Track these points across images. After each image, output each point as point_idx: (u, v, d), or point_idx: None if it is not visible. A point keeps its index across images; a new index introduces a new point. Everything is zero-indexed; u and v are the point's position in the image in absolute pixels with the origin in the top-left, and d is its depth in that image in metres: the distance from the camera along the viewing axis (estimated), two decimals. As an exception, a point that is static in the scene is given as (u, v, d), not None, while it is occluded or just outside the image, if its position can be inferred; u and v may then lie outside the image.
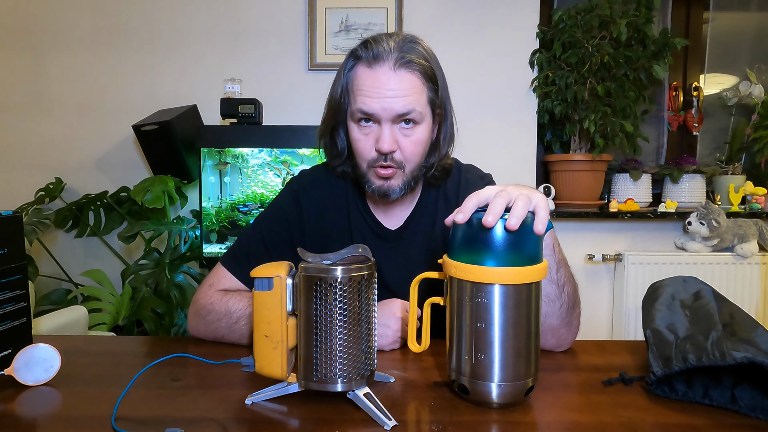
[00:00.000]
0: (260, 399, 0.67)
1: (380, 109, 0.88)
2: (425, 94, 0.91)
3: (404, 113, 0.88)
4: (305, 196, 1.02)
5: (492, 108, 2.26)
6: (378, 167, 0.92)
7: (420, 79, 0.90)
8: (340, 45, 2.21)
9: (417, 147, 0.92)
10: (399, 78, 0.88)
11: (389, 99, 0.87)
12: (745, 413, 0.64)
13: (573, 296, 0.85)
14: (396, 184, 0.93)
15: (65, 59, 2.26)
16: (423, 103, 0.90)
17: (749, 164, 2.43)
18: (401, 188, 0.94)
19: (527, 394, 0.66)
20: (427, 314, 0.75)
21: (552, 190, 2.26)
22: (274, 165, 2.07)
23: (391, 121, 0.89)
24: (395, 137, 0.90)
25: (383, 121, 0.89)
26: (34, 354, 0.74)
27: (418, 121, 0.90)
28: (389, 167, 0.91)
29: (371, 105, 0.88)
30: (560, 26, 2.16)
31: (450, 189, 1.03)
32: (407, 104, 0.88)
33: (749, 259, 2.13)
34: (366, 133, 0.92)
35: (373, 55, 0.88)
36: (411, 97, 0.88)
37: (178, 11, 2.24)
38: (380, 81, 0.88)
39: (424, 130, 0.92)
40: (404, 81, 0.88)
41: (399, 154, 0.91)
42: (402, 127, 0.90)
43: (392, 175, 0.92)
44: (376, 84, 0.88)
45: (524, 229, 0.64)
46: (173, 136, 1.95)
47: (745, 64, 2.45)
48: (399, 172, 0.93)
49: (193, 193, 2.22)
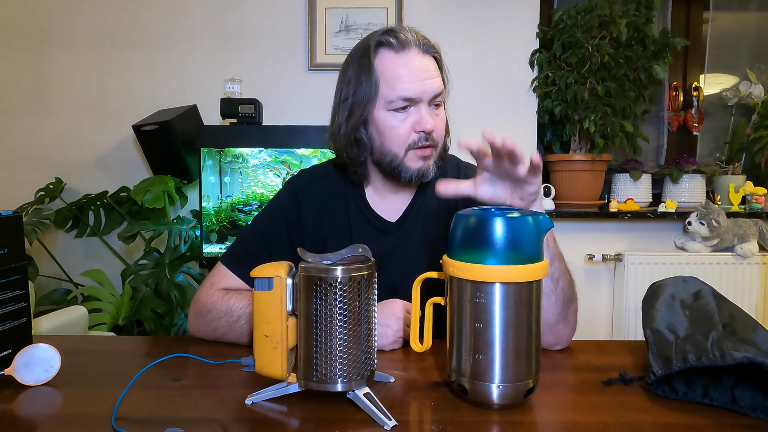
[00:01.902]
0: (260, 399, 0.67)
1: (422, 91, 0.93)
2: (441, 76, 0.97)
3: (438, 93, 0.95)
4: (304, 195, 1.03)
5: (492, 108, 2.26)
6: (419, 148, 0.95)
7: (437, 64, 0.97)
8: (340, 45, 2.21)
9: (443, 125, 0.99)
10: (428, 61, 0.95)
11: (427, 81, 0.93)
12: (745, 413, 0.64)
13: (568, 291, 0.86)
14: (432, 164, 0.98)
15: (65, 59, 2.26)
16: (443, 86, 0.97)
17: (749, 164, 2.43)
18: (434, 168, 0.98)
19: (528, 395, 0.66)
20: (428, 314, 0.75)
21: (552, 190, 2.26)
22: (273, 165, 2.07)
23: (428, 103, 0.94)
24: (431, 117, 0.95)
25: (421, 103, 0.94)
26: (34, 354, 0.74)
27: (442, 103, 0.98)
28: (429, 146, 0.95)
29: (414, 89, 0.92)
30: (560, 26, 2.16)
31: None
32: (441, 85, 0.96)
33: (749, 259, 2.13)
34: (403, 119, 0.94)
35: (400, 42, 0.93)
36: (438, 79, 0.95)
37: (178, 11, 2.24)
38: (415, 65, 0.93)
39: (444, 110, 0.99)
40: (431, 64, 0.95)
41: (434, 133, 0.96)
42: (433, 108, 0.96)
43: (431, 154, 0.97)
44: (412, 69, 0.92)
45: (524, 227, 0.64)
46: (173, 136, 1.95)
47: (745, 64, 2.45)
48: (433, 152, 0.97)
49: (193, 193, 2.22)
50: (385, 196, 1.04)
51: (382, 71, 0.93)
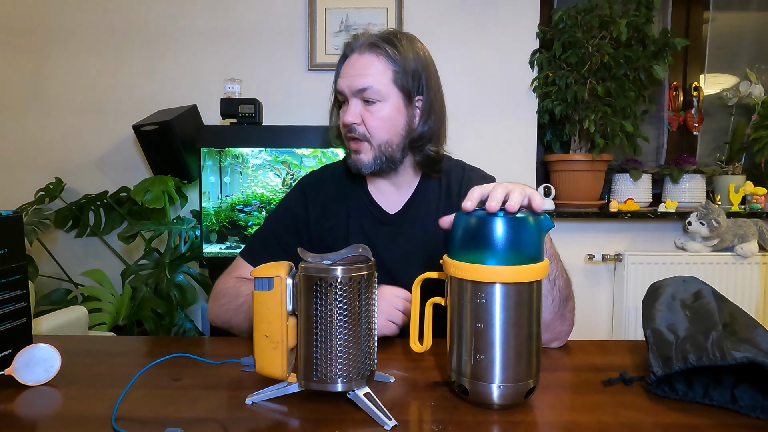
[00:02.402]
0: (260, 399, 0.67)
1: (345, 86, 1.00)
2: (388, 75, 0.99)
3: (361, 88, 0.98)
4: (312, 192, 1.10)
5: (492, 108, 2.26)
6: (348, 141, 1.02)
7: (383, 62, 0.99)
8: (340, 45, 2.21)
9: (380, 122, 1.00)
10: (362, 59, 0.99)
11: (351, 77, 0.99)
12: (745, 413, 0.64)
13: (565, 290, 0.88)
14: (365, 159, 1.01)
15: (66, 59, 2.26)
16: (384, 83, 0.99)
17: (749, 164, 2.43)
18: (372, 163, 1.01)
19: (528, 395, 0.65)
20: (428, 314, 0.75)
21: (552, 190, 2.26)
22: (273, 165, 2.07)
23: (354, 97, 1.00)
24: (358, 112, 1.00)
25: (349, 97, 1.00)
26: (34, 354, 0.74)
27: (379, 99, 0.99)
28: (356, 139, 1.01)
29: (340, 84, 1.02)
30: (560, 26, 2.16)
31: (453, 185, 1.08)
32: (364, 81, 0.98)
33: (749, 259, 2.13)
34: (343, 111, 1.03)
35: (351, 48, 1.02)
36: (370, 77, 0.98)
37: (178, 11, 2.24)
38: (349, 64, 1.01)
39: (389, 108, 1.00)
40: (365, 61, 0.99)
41: (363, 128, 1.00)
42: (366, 104, 1.00)
43: (360, 148, 1.01)
44: (346, 67, 1.01)
45: (524, 227, 0.64)
46: (173, 136, 1.95)
47: (745, 64, 2.45)
48: (366, 146, 1.01)
49: (193, 193, 2.22)
50: (382, 189, 1.09)
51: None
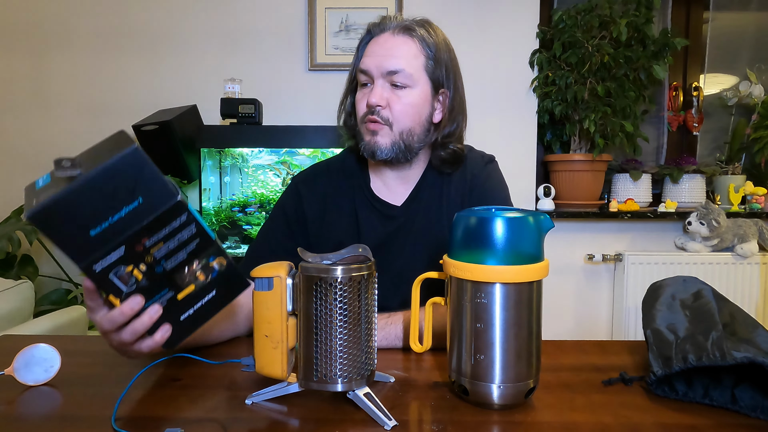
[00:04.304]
0: (260, 399, 0.67)
1: (373, 66, 0.96)
2: (421, 60, 0.96)
3: (393, 71, 0.94)
4: (305, 188, 1.07)
5: (492, 108, 2.26)
6: (367, 121, 0.97)
7: (417, 46, 0.96)
8: (340, 45, 2.21)
9: (406, 108, 0.96)
10: (395, 40, 0.96)
11: (381, 57, 0.95)
12: (745, 413, 0.64)
13: None
14: (383, 142, 0.97)
15: (66, 59, 2.26)
16: (416, 68, 0.96)
17: (749, 164, 2.43)
18: (389, 149, 0.97)
19: (528, 395, 0.66)
20: (428, 314, 0.75)
21: (552, 190, 2.26)
22: (273, 165, 2.07)
23: (382, 78, 0.96)
24: (385, 94, 0.96)
25: (375, 78, 0.96)
26: (34, 354, 0.74)
27: (408, 84, 0.96)
28: (375, 121, 0.96)
29: (367, 62, 0.97)
30: (560, 26, 2.16)
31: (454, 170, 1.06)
32: (397, 63, 0.94)
33: (749, 259, 2.13)
34: (364, 93, 0.99)
35: (379, 28, 0.98)
36: (403, 59, 0.95)
37: (178, 11, 2.24)
38: (378, 43, 0.97)
39: (417, 95, 0.97)
40: (399, 43, 0.96)
41: (387, 111, 0.96)
42: (394, 88, 0.96)
43: (379, 130, 0.97)
44: (374, 46, 0.97)
45: (524, 227, 0.64)
46: (173, 136, 1.95)
47: (745, 64, 2.45)
48: (386, 130, 0.97)
49: (193, 193, 2.22)
50: (386, 181, 1.06)
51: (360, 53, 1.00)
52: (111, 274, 0.62)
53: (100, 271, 0.61)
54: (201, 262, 0.66)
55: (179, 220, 0.62)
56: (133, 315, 0.65)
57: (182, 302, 0.67)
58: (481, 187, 1.05)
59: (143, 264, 0.63)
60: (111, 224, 0.59)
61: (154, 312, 0.65)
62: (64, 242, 0.59)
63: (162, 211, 0.60)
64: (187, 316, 0.68)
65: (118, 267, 0.62)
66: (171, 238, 0.63)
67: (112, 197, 0.58)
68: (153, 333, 0.67)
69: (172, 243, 0.63)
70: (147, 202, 0.60)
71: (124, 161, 0.57)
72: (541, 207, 2.21)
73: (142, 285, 0.64)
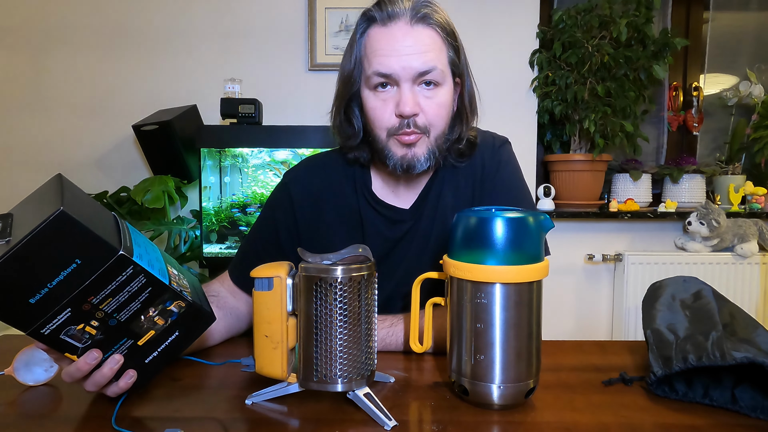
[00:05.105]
0: (260, 399, 0.67)
1: (399, 68, 0.82)
2: (445, 52, 0.85)
3: (425, 71, 0.82)
4: (297, 187, 0.99)
5: (492, 108, 2.25)
6: (401, 134, 0.85)
7: (439, 36, 0.84)
8: (340, 45, 2.21)
9: (441, 110, 0.86)
10: (417, 33, 0.82)
11: (407, 56, 0.81)
12: (745, 413, 0.64)
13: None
14: (421, 153, 0.86)
15: (66, 59, 2.26)
16: (444, 62, 0.85)
17: (749, 164, 2.43)
18: (426, 158, 0.87)
19: (528, 395, 0.66)
20: (428, 314, 0.75)
21: (552, 190, 2.26)
22: (273, 165, 2.07)
23: (411, 81, 0.83)
24: (416, 99, 0.83)
25: (403, 82, 0.83)
26: (34, 354, 0.74)
27: (440, 82, 0.85)
28: (412, 132, 0.84)
29: (389, 64, 0.82)
30: (560, 26, 2.16)
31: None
32: (428, 61, 0.82)
33: (749, 259, 2.13)
34: (384, 99, 0.85)
35: (387, 14, 0.83)
36: (431, 54, 0.82)
37: (178, 11, 2.24)
38: (396, 38, 0.82)
39: (447, 92, 0.86)
40: (423, 36, 0.82)
41: (422, 117, 0.84)
42: (424, 88, 0.84)
43: (416, 141, 0.85)
44: (392, 42, 0.82)
45: (524, 227, 0.64)
46: (173, 136, 1.95)
47: (745, 64, 2.45)
48: (424, 138, 0.86)
49: (193, 193, 2.22)
50: (390, 183, 0.97)
51: (366, 46, 0.85)
52: (62, 334, 0.60)
53: (49, 333, 0.59)
54: (157, 309, 0.63)
55: (125, 274, 0.59)
56: (91, 368, 0.62)
57: (144, 347, 0.65)
58: (492, 179, 0.96)
59: (94, 320, 0.60)
60: (51, 289, 0.56)
61: (115, 363, 0.63)
62: (3, 313, 0.56)
63: (104, 268, 0.57)
64: (152, 358, 0.66)
65: (67, 327, 0.60)
66: (120, 292, 0.60)
67: (47, 263, 0.55)
68: (118, 379, 0.65)
69: (123, 296, 0.60)
70: (86, 262, 0.57)
71: (51, 227, 0.54)
72: (541, 207, 2.21)
73: (98, 338, 0.62)
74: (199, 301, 0.68)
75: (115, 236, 0.60)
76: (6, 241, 0.55)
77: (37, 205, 0.60)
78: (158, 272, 0.62)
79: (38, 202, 0.61)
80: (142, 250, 0.63)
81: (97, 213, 0.62)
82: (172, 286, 0.64)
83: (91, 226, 0.56)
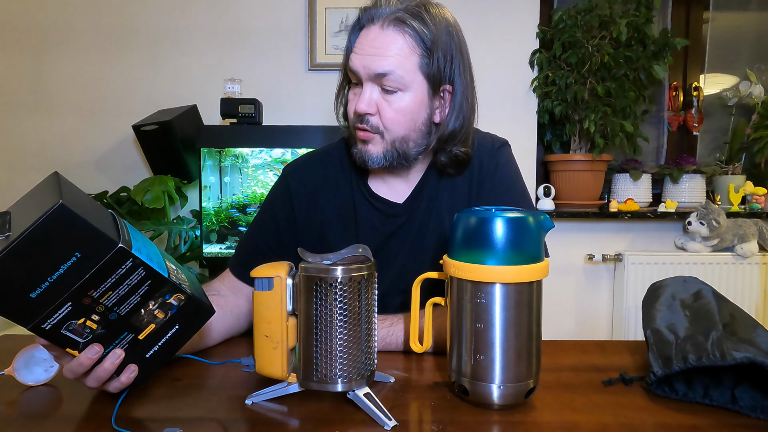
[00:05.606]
0: (260, 399, 0.67)
1: (360, 67, 0.86)
2: (414, 59, 0.85)
3: (381, 73, 0.84)
4: (295, 181, 1.01)
5: (492, 108, 2.25)
6: (357, 130, 0.89)
7: (409, 43, 0.84)
8: (340, 45, 2.21)
9: (397, 116, 0.87)
10: (384, 36, 0.84)
11: (369, 57, 0.85)
12: (745, 413, 0.64)
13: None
14: (375, 151, 0.89)
15: (65, 59, 2.26)
16: (409, 68, 0.85)
17: (749, 164, 2.43)
18: (382, 158, 0.90)
19: (528, 395, 0.66)
20: (428, 314, 0.75)
21: (552, 190, 2.26)
22: (273, 165, 2.07)
23: (371, 81, 0.86)
24: (374, 100, 0.87)
25: (364, 81, 0.87)
26: (34, 354, 0.74)
27: (401, 88, 0.86)
28: (363, 130, 0.88)
29: (354, 62, 0.87)
30: (560, 26, 2.16)
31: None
32: (385, 65, 0.84)
33: (749, 259, 2.13)
34: (355, 94, 0.90)
35: (370, 16, 0.86)
36: (392, 59, 0.84)
37: (178, 11, 2.24)
38: (368, 39, 0.85)
39: (410, 99, 0.87)
40: (388, 39, 0.84)
41: (377, 119, 0.88)
42: (384, 92, 0.86)
43: (369, 139, 0.89)
44: (363, 42, 0.86)
45: (524, 227, 0.64)
46: (173, 136, 1.95)
47: (745, 64, 2.45)
48: (377, 138, 0.89)
49: (193, 193, 2.22)
50: (385, 178, 0.99)
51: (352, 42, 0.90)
52: (63, 329, 0.60)
53: (50, 328, 0.60)
54: (157, 302, 0.64)
55: (124, 267, 0.60)
56: (93, 363, 0.63)
57: (145, 341, 0.65)
58: (491, 180, 0.98)
59: (95, 314, 0.61)
60: (51, 283, 0.57)
61: (116, 357, 0.64)
62: (5, 308, 0.57)
63: (103, 261, 0.58)
64: (153, 352, 0.66)
65: (68, 322, 0.60)
66: (120, 285, 0.60)
67: (47, 257, 0.56)
68: (119, 374, 0.65)
69: (122, 289, 0.61)
70: (85, 255, 0.57)
71: (51, 220, 0.55)
72: (541, 207, 2.21)
73: (99, 333, 0.62)
74: (198, 294, 0.68)
75: (114, 230, 0.61)
76: (6, 236, 0.56)
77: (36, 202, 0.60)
78: (157, 266, 0.63)
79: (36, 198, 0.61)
80: (140, 244, 0.63)
81: (95, 209, 0.62)
82: (171, 279, 0.64)
83: (90, 219, 0.57)
